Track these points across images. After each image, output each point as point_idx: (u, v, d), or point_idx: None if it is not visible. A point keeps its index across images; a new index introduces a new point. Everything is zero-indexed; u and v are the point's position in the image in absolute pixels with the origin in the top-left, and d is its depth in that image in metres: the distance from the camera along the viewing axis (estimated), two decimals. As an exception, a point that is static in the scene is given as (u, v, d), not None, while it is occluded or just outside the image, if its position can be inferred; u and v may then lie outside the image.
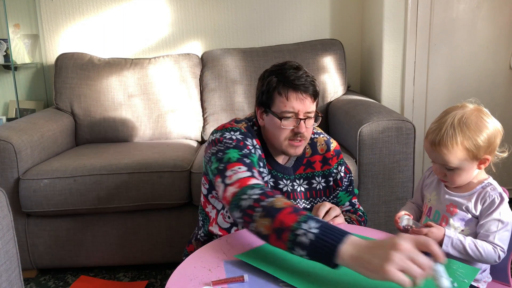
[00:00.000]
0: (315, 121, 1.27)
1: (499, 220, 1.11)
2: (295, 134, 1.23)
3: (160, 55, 2.63)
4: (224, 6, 2.76)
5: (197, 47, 2.79)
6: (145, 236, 2.01)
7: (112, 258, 2.04)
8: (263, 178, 1.23)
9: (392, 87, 2.54)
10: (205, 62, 2.60)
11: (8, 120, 2.75)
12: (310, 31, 2.79)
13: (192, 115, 2.52)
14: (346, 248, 0.84)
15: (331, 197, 1.39)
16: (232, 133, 1.24)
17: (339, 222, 1.21)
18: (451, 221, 1.17)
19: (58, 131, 2.28)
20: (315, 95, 1.24)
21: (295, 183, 1.34)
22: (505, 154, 1.16)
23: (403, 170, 2.00)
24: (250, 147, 1.23)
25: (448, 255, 1.11)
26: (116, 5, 2.73)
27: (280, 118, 1.22)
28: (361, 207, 1.45)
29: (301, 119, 1.22)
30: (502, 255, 1.12)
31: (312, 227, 0.89)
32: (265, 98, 1.26)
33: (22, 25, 2.73)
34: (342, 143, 2.21)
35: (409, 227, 1.16)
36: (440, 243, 1.12)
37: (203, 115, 2.55)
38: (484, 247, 1.10)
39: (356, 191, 1.47)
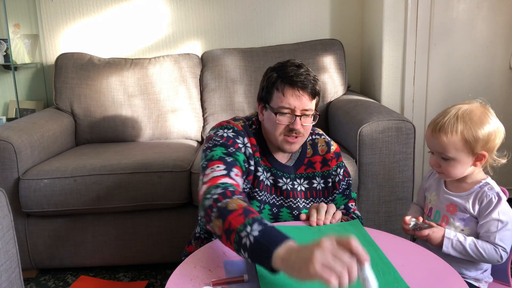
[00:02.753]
0: (313, 119, 1.27)
1: (498, 220, 1.11)
2: (290, 130, 1.23)
3: (160, 55, 2.63)
4: (224, 6, 2.76)
5: (197, 47, 2.79)
6: (145, 236, 2.01)
7: (112, 258, 2.04)
8: (244, 176, 1.24)
9: (392, 87, 2.54)
10: (205, 62, 2.60)
11: (8, 120, 2.75)
12: (310, 31, 2.79)
13: (192, 115, 2.52)
14: (280, 251, 0.84)
15: (329, 199, 1.40)
16: (225, 130, 1.26)
17: (339, 217, 1.23)
18: (451, 220, 1.17)
19: (58, 131, 2.28)
20: (313, 93, 1.24)
21: (295, 182, 1.34)
22: (504, 160, 1.15)
23: (403, 170, 2.00)
24: (240, 145, 1.24)
25: (449, 256, 1.12)
26: (116, 5, 2.73)
27: (276, 113, 1.23)
28: (357, 211, 1.44)
29: (297, 115, 1.22)
30: (505, 255, 1.12)
31: (254, 229, 0.90)
32: (264, 93, 1.28)
33: (22, 25, 2.73)
34: (342, 143, 2.21)
35: (416, 228, 1.17)
36: (441, 244, 1.13)
37: (203, 115, 2.55)
38: (484, 247, 1.11)
39: (354, 194, 1.47)
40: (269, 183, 1.32)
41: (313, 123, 1.28)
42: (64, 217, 1.99)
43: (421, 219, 1.20)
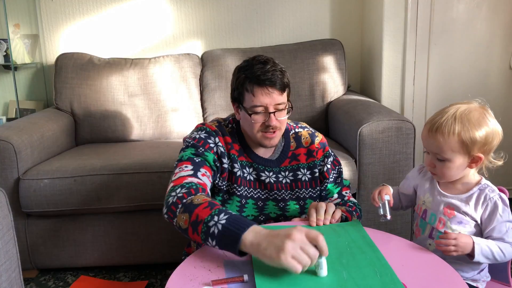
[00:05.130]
0: (287, 112, 1.29)
1: (507, 221, 1.11)
2: (267, 126, 1.26)
3: (160, 55, 2.63)
4: (224, 6, 2.76)
5: (197, 47, 2.79)
6: (145, 236, 2.01)
7: (112, 258, 2.04)
8: (218, 174, 1.30)
9: (392, 87, 2.54)
10: (205, 62, 2.60)
11: (8, 120, 2.75)
12: (310, 31, 2.79)
13: (193, 115, 2.52)
14: (248, 235, 0.94)
15: (317, 189, 1.40)
16: (198, 132, 1.32)
17: (338, 216, 1.24)
18: (448, 223, 1.15)
19: (58, 131, 2.28)
20: (283, 87, 1.25)
21: (280, 175, 1.36)
22: (500, 162, 1.14)
23: (403, 170, 2.00)
24: (212, 145, 1.29)
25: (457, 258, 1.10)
26: (116, 5, 2.73)
27: (250, 114, 1.26)
28: (352, 198, 1.45)
29: (270, 112, 1.25)
30: None
31: (221, 218, 0.99)
32: (236, 95, 1.31)
33: (22, 25, 2.73)
34: (342, 143, 2.21)
35: (385, 217, 1.21)
36: (471, 252, 1.08)
37: (203, 115, 2.55)
38: (506, 247, 1.10)
39: (346, 182, 1.48)
40: (252, 178, 1.35)
41: (288, 116, 1.30)
42: (64, 217, 1.99)
43: (391, 203, 1.24)
